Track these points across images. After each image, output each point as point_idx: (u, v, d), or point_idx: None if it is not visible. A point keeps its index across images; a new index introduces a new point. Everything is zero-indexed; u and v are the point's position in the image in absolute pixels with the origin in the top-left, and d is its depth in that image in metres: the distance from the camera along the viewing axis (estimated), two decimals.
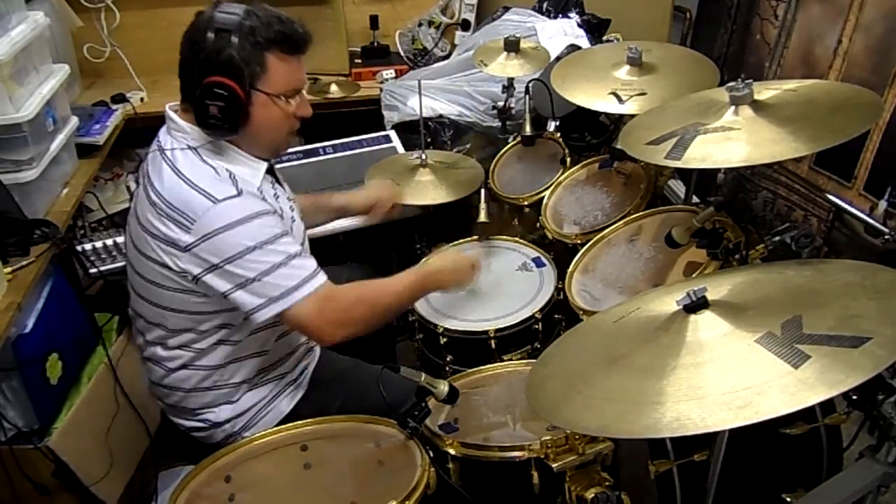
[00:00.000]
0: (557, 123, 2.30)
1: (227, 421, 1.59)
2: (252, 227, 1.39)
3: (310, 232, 2.23)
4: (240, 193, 1.40)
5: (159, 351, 1.55)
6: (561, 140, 2.27)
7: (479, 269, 1.82)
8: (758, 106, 1.38)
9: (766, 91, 1.44)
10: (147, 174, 1.46)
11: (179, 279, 1.43)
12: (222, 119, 1.39)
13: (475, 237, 2.18)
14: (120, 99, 2.61)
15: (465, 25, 2.92)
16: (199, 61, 1.38)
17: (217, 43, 1.36)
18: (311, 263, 1.46)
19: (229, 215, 1.37)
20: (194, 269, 1.40)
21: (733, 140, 1.33)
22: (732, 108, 1.39)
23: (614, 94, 1.89)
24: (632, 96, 1.87)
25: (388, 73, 2.85)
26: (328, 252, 1.95)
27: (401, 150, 2.49)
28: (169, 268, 1.42)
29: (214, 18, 1.37)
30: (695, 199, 2.16)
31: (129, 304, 1.60)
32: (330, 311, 1.46)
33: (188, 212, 1.37)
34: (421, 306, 1.95)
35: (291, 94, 1.47)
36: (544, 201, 2.13)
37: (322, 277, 1.46)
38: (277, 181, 1.61)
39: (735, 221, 1.61)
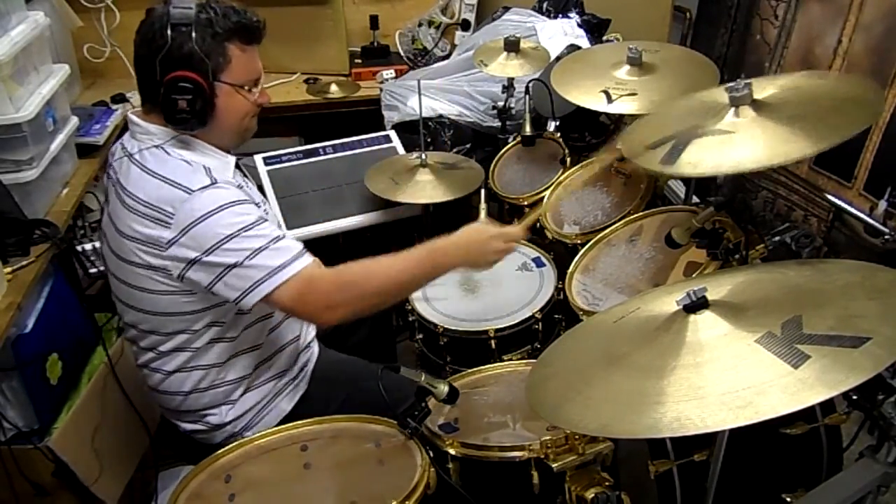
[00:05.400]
0: (557, 123, 2.30)
1: (229, 422, 1.59)
2: (229, 214, 1.38)
3: (309, 231, 2.26)
4: (214, 182, 1.40)
5: (154, 356, 1.55)
6: (561, 140, 2.27)
7: (510, 249, 1.62)
8: (758, 105, 1.36)
9: (768, 87, 1.41)
10: (118, 181, 1.46)
11: (166, 279, 1.42)
12: (191, 113, 1.40)
13: None
14: (120, 99, 2.61)
15: (465, 25, 2.92)
16: (159, 59, 1.37)
17: (177, 39, 1.37)
18: (296, 245, 1.43)
19: (206, 205, 1.37)
20: (178, 265, 1.39)
21: (728, 144, 1.32)
22: (733, 109, 1.37)
23: (605, 92, 1.89)
24: (621, 96, 1.87)
25: (388, 73, 2.85)
26: (328, 252, 1.94)
27: (401, 150, 2.49)
28: (154, 268, 1.41)
29: (170, 15, 1.37)
30: (695, 199, 2.16)
31: (118, 314, 1.59)
32: (314, 294, 1.42)
33: (166, 206, 1.37)
34: (421, 306, 1.95)
35: (253, 84, 1.49)
36: (544, 201, 2.13)
37: (307, 259, 1.42)
38: (245, 177, 1.61)
39: (735, 221, 1.61)
